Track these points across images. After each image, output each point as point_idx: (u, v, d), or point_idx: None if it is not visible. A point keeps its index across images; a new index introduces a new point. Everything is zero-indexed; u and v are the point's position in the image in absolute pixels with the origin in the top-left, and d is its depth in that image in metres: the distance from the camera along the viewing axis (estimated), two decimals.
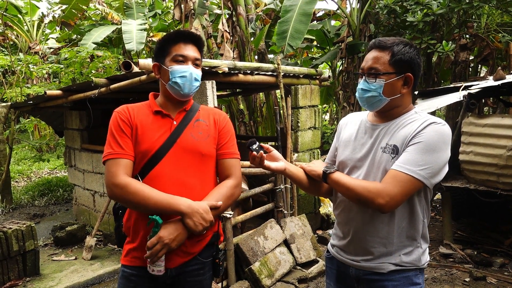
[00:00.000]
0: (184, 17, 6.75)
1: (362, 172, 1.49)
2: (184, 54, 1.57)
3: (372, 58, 1.45)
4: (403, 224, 1.43)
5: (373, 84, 1.43)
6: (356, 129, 1.58)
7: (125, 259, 1.59)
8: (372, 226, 1.45)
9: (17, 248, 3.59)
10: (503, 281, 3.40)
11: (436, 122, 1.37)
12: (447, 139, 1.36)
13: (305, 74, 4.52)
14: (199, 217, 1.44)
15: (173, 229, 1.44)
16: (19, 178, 8.70)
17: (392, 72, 1.42)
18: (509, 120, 3.59)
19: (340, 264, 1.58)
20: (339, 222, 1.60)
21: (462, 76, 6.56)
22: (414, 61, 1.43)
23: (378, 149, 1.46)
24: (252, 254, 3.33)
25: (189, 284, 1.60)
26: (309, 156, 4.65)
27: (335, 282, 1.63)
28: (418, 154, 1.34)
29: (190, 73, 1.57)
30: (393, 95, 1.44)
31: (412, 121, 1.42)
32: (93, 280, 3.66)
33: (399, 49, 1.42)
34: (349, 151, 1.56)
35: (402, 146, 1.39)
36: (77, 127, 5.45)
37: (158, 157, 1.53)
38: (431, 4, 5.45)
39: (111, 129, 1.56)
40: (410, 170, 1.33)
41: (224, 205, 1.56)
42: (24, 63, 7.66)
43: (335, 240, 1.63)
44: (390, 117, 1.49)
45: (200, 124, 1.64)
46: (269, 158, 1.63)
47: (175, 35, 1.60)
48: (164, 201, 1.44)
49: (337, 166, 1.61)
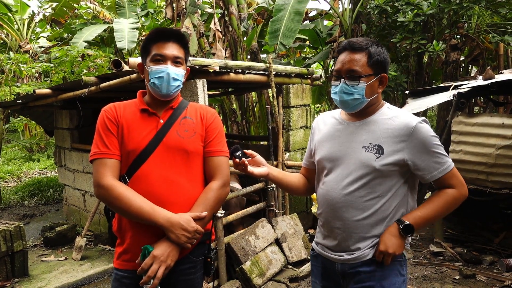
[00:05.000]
0: (176, 16, 6.72)
1: (340, 169, 1.51)
2: (163, 53, 1.55)
3: (349, 60, 1.46)
4: (388, 219, 1.48)
5: (356, 87, 1.45)
6: (331, 128, 1.61)
7: (117, 262, 1.58)
8: (354, 223, 1.48)
9: (5, 249, 3.54)
10: (492, 278, 3.42)
11: (415, 122, 1.44)
12: (430, 128, 1.47)
13: (297, 73, 4.52)
14: (180, 230, 1.44)
15: (165, 246, 1.44)
16: (8, 178, 8.60)
17: (371, 74, 1.46)
18: (498, 119, 3.63)
19: (325, 260, 1.60)
20: (323, 222, 1.62)
21: (453, 76, 6.61)
22: (387, 61, 1.49)
23: (357, 146, 1.49)
24: (243, 253, 3.32)
25: (181, 283, 1.59)
26: (301, 155, 4.65)
27: (320, 279, 1.64)
28: (434, 152, 1.44)
29: (167, 73, 1.54)
30: (372, 95, 1.49)
31: (389, 117, 1.49)
32: (82, 281, 3.63)
33: (374, 50, 1.46)
34: (326, 150, 1.58)
35: (388, 146, 1.44)
36: (67, 126, 5.40)
37: (144, 156, 1.52)
38: (422, 4, 5.48)
39: (98, 128, 1.56)
40: (448, 164, 1.45)
41: (211, 210, 1.56)
42: (14, 61, 7.56)
43: (319, 238, 1.64)
44: (365, 114, 1.53)
45: (187, 121, 1.62)
46: (253, 163, 1.67)
47: (155, 33, 1.58)
48: (144, 211, 1.43)
49: (316, 165, 1.65)
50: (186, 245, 1.46)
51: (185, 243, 1.45)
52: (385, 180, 1.45)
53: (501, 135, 3.56)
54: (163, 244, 1.45)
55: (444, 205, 1.47)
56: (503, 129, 3.56)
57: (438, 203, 1.47)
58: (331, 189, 1.54)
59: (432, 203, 1.48)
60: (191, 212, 1.52)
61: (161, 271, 1.41)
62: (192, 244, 1.50)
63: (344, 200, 1.49)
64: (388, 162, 1.44)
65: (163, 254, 1.42)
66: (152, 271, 1.39)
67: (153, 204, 1.46)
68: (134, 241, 1.52)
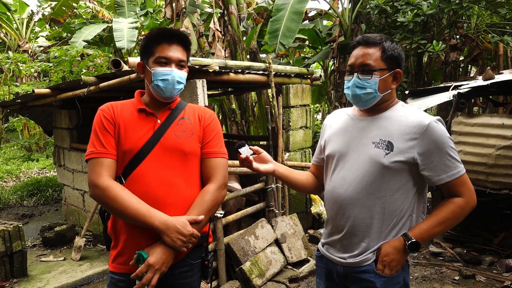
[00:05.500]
0: (175, 16, 6.70)
1: (349, 165, 1.49)
2: (168, 56, 1.53)
3: (362, 54, 1.44)
4: (395, 220, 1.44)
5: (368, 81, 1.43)
6: (343, 123, 1.58)
7: (112, 265, 1.57)
8: (359, 221, 1.46)
9: (3, 249, 3.53)
10: (492, 279, 3.42)
11: (429, 120, 1.39)
12: (444, 128, 1.42)
13: (297, 73, 4.52)
14: (176, 233, 1.41)
15: (160, 252, 1.41)
16: (7, 178, 8.57)
17: (385, 68, 1.43)
18: (498, 120, 3.63)
19: (329, 262, 1.58)
20: (328, 218, 1.60)
21: (452, 76, 6.62)
22: (401, 56, 1.47)
23: (366, 141, 1.46)
24: (243, 253, 3.32)
25: (178, 286, 1.58)
26: (301, 156, 4.65)
27: (324, 280, 1.63)
28: (446, 154, 1.39)
29: (173, 76, 1.53)
30: (385, 91, 1.45)
31: (403, 114, 1.44)
32: (81, 281, 3.62)
33: (388, 45, 1.44)
34: (335, 145, 1.56)
35: (398, 143, 1.40)
36: (66, 126, 5.38)
37: (141, 157, 1.50)
38: (421, 4, 5.48)
39: (94, 127, 1.54)
40: (458, 170, 1.39)
41: (208, 214, 1.54)
42: (13, 61, 7.54)
43: (325, 237, 1.63)
44: (378, 111, 1.50)
45: (185, 122, 1.60)
46: (259, 160, 1.64)
47: (159, 34, 1.55)
48: (140, 213, 1.41)
49: (325, 160, 1.62)
50: (181, 249, 1.44)
51: (180, 247, 1.43)
52: (393, 178, 1.41)
53: (501, 135, 3.56)
54: (157, 249, 1.42)
55: (451, 217, 1.42)
56: (503, 130, 3.56)
57: (445, 214, 1.42)
58: (338, 185, 1.51)
59: (438, 215, 1.42)
60: (187, 215, 1.49)
61: (155, 279, 1.39)
62: (188, 248, 1.47)
63: (350, 197, 1.46)
64: (397, 160, 1.39)
65: (158, 262, 1.40)
66: (146, 279, 1.38)
67: (149, 206, 1.44)
68: (129, 243, 1.50)
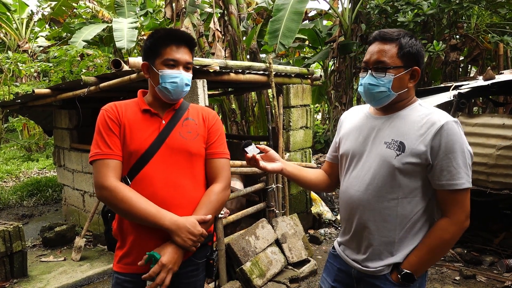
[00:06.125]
0: (175, 16, 6.70)
1: (361, 165, 1.44)
2: (176, 58, 1.51)
3: (378, 51, 1.36)
4: (409, 225, 1.37)
5: (382, 78, 1.34)
6: (358, 121, 1.53)
7: (118, 265, 1.55)
8: (370, 225, 1.40)
9: (3, 249, 3.52)
10: (492, 279, 3.42)
11: (445, 120, 1.31)
12: (462, 133, 1.32)
13: (297, 73, 4.51)
14: (187, 233, 1.42)
15: (171, 252, 1.42)
16: (7, 178, 8.56)
17: (400, 66, 1.34)
18: (498, 120, 3.62)
19: (343, 263, 1.54)
20: (342, 218, 1.56)
21: (453, 76, 6.62)
22: (420, 53, 1.37)
23: (379, 141, 1.40)
24: (243, 254, 3.31)
25: (183, 285, 1.58)
26: (301, 156, 4.65)
27: (332, 280, 1.58)
28: (452, 160, 1.29)
29: (181, 79, 1.52)
30: (401, 89, 1.37)
31: (419, 114, 1.36)
32: (82, 281, 3.61)
33: (406, 41, 1.35)
34: (350, 142, 1.51)
35: (411, 143, 1.32)
36: (66, 126, 5.38)
37: (147, 158, 1.49)
38: (422, 4, 5.48)
39: (98, 127, 1.51)
40: (462, 181, 1.29)
41: (214, 213, 1.55)
42: (13, 61, 7.54)
43: (341, 236, 1.58)
44: (393, 110, 1.42)
45: (189, 123, 1.60)
46: (266, 159, 1.61)
47: (167, 35, 1.53)
48: (150, 214, 1.41)
49: (339, 159, 1.58)
50: (191, 249, 1.45)
51: (190, 247, 1.44)
52: (405, 181, 1.34)
53: (501, 135, 3.55)
54: (169, 249, 1.42)
55: (438, 245, 1.33)
56: (503, 130, 3.56)
57: (432, 242, 1.34)
58: (350, 186, 1.46)
59: (425, 243, 1.35)
60: (194, 214, 1.50)
61: (168, 278, 1.40)
62: (196, 247, 1.48)
63: (360, 199, 1.41)
64: (408, 161, 1.32)
65: (171, 261, 1.41)
66: (160, 279, 1.38)
67: (158, 206, 1.44)
68: (137, 244, 1.50)
